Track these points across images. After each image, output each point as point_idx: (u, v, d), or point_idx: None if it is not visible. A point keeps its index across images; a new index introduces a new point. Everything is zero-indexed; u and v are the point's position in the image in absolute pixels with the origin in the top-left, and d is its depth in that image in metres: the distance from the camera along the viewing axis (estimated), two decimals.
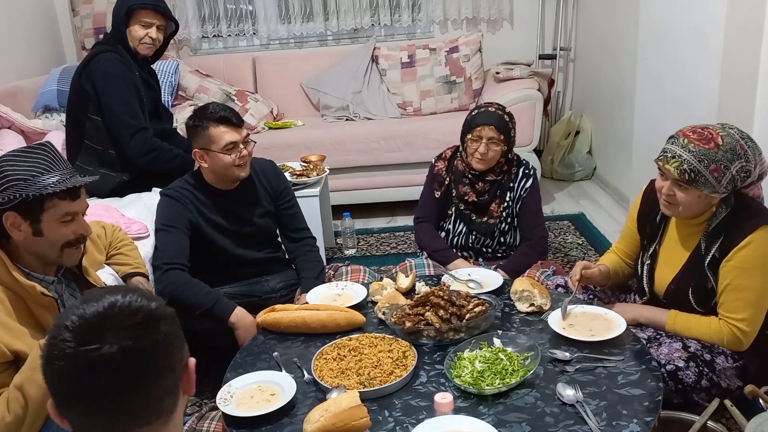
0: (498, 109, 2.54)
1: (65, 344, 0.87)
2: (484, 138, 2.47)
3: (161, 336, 0.91)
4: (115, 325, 0.88)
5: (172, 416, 0.95)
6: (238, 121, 2.32)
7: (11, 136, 3.28)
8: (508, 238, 2.64)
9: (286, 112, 4.69)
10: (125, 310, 0.90)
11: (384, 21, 4.88)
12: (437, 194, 2.66)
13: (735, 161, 1.81)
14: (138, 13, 2.88)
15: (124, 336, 0.88)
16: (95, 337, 0.87)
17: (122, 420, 0.89)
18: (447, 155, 2.70)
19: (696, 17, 2.82)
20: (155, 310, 0.92)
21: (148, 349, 0.89)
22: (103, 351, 0.86)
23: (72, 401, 0.89)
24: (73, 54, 4.74)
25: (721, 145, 1.81)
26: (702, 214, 1.94)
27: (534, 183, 2.60)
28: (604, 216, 4.05)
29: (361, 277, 2.54)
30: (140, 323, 0.90)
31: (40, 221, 1.61)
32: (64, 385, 0.88)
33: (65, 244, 1.67)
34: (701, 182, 1.82)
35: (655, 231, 2.08)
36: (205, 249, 2.39)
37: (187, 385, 0.97)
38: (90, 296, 0.92)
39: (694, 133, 1.85)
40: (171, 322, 0.94)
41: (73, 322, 0.88)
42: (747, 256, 1.84)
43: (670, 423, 1.77)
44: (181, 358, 0.96)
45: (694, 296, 1.95)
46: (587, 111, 4.86)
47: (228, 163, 2.31)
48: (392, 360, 1.76)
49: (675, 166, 1.84)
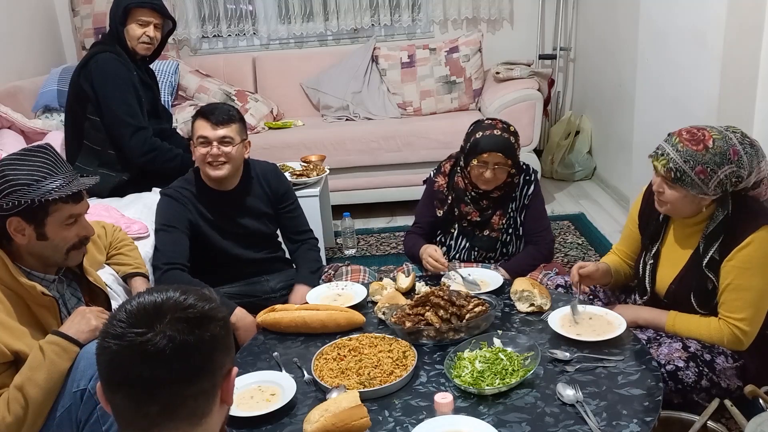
0: (503, 130, 2.39)
1: (118, 324, 0.92)
2: (490, 164, 2.37)
3: (208, 336, 0.94)
4: (167, 317, 0.92)
5: (205, 420, 0.95)
6: (216, 121, 2.32)
7: (11, 136, 3.28)
8: (511, 248, 2.58)
9: (286, 112, 4.69)
10: (180, 305, 0.94)
11: (384, 21, 4.88)
12: (440, 213, 2.56)
13: (724, 165, 1.80)
14: (135, 12, 2.88)
15: (173, 328, 0.91)
16: (146, 324, 0.91)
17: (154, 411, 0.91)
18: (446, 170, 2.58)
19: (696, 17, 2.82)
20: (208, 310, 0.96)
21: (193, 345, 0.92)
22: (149, 337, 0.90)
23: (113, 383, 0.92)
24: (73, 54, 4.74)
25: (710, 147, 1.81)
26: (696, 215, 1.94)
27: (536, 188, 2.53)
28: (604, 216, 4.06)
29: (361, 277, 2.54)
30: (190, 319, 0.93)
31: (45, 225, 1.61)
32: (108, 365, 0.92)
33: (70, 247, 1.68)
34: (687, 182, 1.82)
35: (658, 230, 2.07)
36: (204, 249, 2.39)
37: (226, 394, 0.98)
38: (154, 288, 0.98)
39: (688, 134, 1.85)
40: (222, 325, 0.97)
41: (132, 306, 0.94)
42: (748, 256, 1.84)
43: (670, 423, 1.77)
44: (224, 364, 0.97)
45: (695, 297, 1.94)
46: (587, 111, 4.86)
47: (198, 156, 2.34)
48: (392, 360, 1.76)
49: (662, 164, 1.85)
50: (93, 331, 1.61)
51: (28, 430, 1.53)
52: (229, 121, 2.34)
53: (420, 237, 2.57)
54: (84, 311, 1.65)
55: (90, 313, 1.64)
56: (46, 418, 1.56)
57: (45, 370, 1.54)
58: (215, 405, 0.97)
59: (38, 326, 1.65)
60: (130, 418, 0.93)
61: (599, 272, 2.12)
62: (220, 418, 0.99)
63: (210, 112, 2.34)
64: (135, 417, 0.92)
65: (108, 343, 0.91)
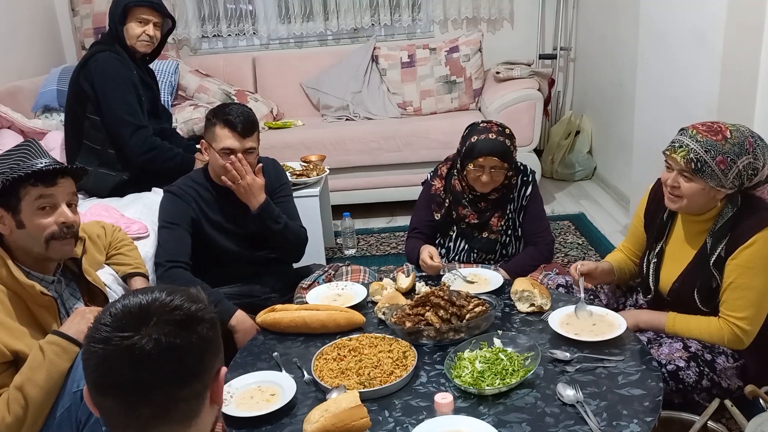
0: (499, 133, 2.38)
1: (104, 328, 0.90)
2: (487, 167, 2.37)
3: (196, 338, 0.93)
4: (153, 319, 0.91)
5: (196, 421, 0.95)
6: (244, 131, 2.28)
7: (11, 136, 3.28)
8: (510, 249, 2.57)
9: (286, 112, 4.69)
10: (166, 307, 0.93)
11: (384, 21, 4.88)
12: (437, 216, 2.55)
13: (742, 156, 1.82)
14: (134, 11, 2.88)
15: (160, 331, 0.90)
16: (131, 327, 0.90)
17: (144, 414, 0.90)
18: (443, 173, 2.58)
19: (696, 17, 2.82)
20: (195, 312, 0.94)
21: (180, 347, 0.91)
22: (135, 341, 0.89)
23: (101, 388, 0.91)
24: (72, 54, 4.73)
25: (729, 138, 1.83)
26: (707, 211, 1.94)
27: (534, 189, 2.52)
28: (604, 216, 4.05)
29: (361, 277, 2.53)
30: (177, 321, 0.92)
31: (20, 211, 1.61)
32: (95, 370, 0.91)
33: (49, 236, 1.64)
34: (707, 173, 1.82)
35: (662, 229, 2.07)
36: (205, 248, 2.39)
37: (215, 394, 0.98)
38: (140, 290, 0.97)
39: (704, 126, 1.87)
40: (210, 326, 0.96)
41: (117, 309, 0.93)
42: (751, 255, 1.85)
43: (671, 423, 1.77)
44: (213, 365, 0.97)
45: (699, 295, 1.94)
46: (587, 111, 4.86)
47: (220, 165, 2.31)
48: (392, 360, 1.75)
49: (682, 155, 1.84)
50: None
51: (28, 430, 1.53)
52: (253, 130, 2.32)
53: (420, 240, 2.56)
54: (84, 311, 1.65)
55: (90, 313, 1.64)
56: (46, 418, 1.56)
57: (45, 370, 1.54)
58: (205, 406, 0.96)
59: (38, 326, 1.65)
60: (121, 422, 0.92)
61: (599, 270, 2.11)
62: (210, 418, 0.98)
63: (235, 123, 2.27)
64: (126, 420, 0.91)
65: (94, 348, 0.90)
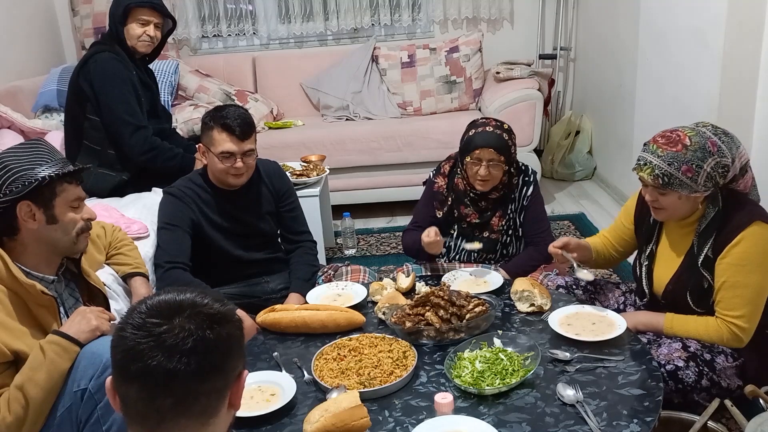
0: (496, 127, 2.39)
1: (138, 315, 0.95)
2: (483, 160, 2.36)
3: (225, 335, 0.97)
4: (187, 312, 0.96)
5: (213, 421, 0.97)
6: (242, 135, 2.27)
7: (11, 136, 3.28)
8: (511, 249, 2.57)
9: (286, 112, 4.69)
10: (198, 303, 0.98)
11: (384, 21, 4.88)
12: (439, 214, 2.55)
13: (707, 158, 1.81)
14: (135, 11, 2.88)
15: (191, 323, 0.94)
16: (165, 316, 0.95)
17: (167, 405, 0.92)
18: (446, 170, 2.57)
19: (696, 17, 2.83)
20: (225, 311, 1.00)
21: (210, 341, 0.95)
22: (167, 329, 0.93)
23: (128, 374, 0.93)
24: (72, 54, 4.74)
25: (689, 145, 1.82)
26: (692, 214, 1.94)
27: (535, 189, 2.52)
28: (604, 216, 4.05)
29: (361, 277, 2.54)
30: (209, 316, 0.97)
31: (53, 207, 1.64)
32: (125, 355, 0.93)
33: (79, 231, 1.71)
34: (677, 184, 1.83)
35: (651, 232, 2.08)
36: (205, 249, 2.39)
37: (235, 396, 1.00)
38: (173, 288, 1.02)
39: (663, 138, 1.87)
40: (237, 327, 1.01)
41: (152, 300, 0.98)
42: (742, 253, 1.85)
43: (671, 423, 1.77)
44: (236, 366, 1.00)
45: (692, 296, 1.95)
46: (587, 111, 4.86)
47: (220, 169, 2.31)
48: (392, 360, 1.76)
49: (648, 173, 1.85)
50: (93, 331, 1.61)
51: (28, 430, 1.53)
52: (251, 132, 2.32)
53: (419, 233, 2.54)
54: (84, 311, 1.66)
55: (90, 313, 1.64)
56: (47, 418, 1.56)
57: (45, 370, 1.54)
58: (224, 407, 0.98)
59: (38, 326, 1.65)
60: (142, 411, 0.93)
61: (574, 242, 2.13)
62: (226, 421, 1.00)
63: (233, 126, 2.26)
64: (147, 410, 0.93)
65: (126, 333, 0.93)
